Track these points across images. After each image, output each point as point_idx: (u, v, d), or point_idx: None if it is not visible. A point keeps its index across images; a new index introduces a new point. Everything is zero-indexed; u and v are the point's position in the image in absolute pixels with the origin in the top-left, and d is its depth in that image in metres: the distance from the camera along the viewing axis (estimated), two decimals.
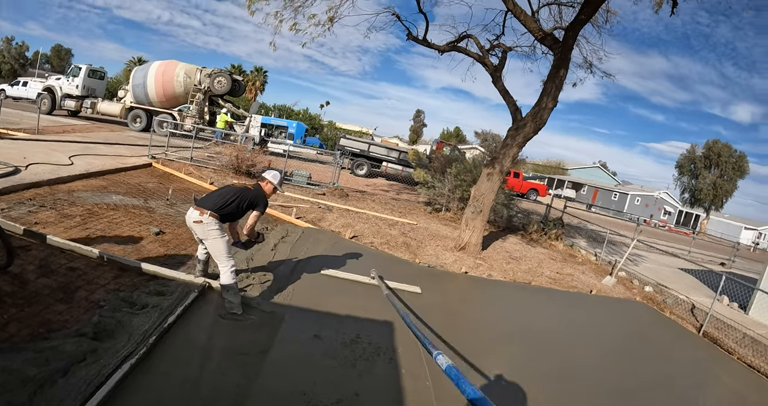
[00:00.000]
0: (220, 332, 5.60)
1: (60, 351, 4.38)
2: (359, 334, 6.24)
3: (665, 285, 14.02)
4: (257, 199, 6.55)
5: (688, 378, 8.02)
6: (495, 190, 12.92)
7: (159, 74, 27.11)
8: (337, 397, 4.67)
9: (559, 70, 12.16)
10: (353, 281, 8.02)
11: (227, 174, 16.03)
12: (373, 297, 7.59)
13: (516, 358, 6.88)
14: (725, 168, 62.94)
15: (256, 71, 71.23)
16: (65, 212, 8.82)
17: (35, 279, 5.74)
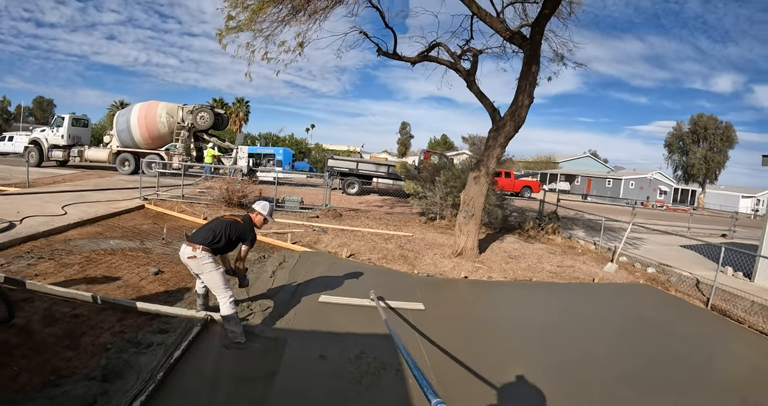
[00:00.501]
0: (225, 362, 5.69)
1: (71, 396, 4.48)
2: (363, 350, 6.31)
3: (667, 264, 14.05)
4: (245, 232, 6.68)
5: (700, 353, 8.00)
6: (484, 193, 13.04)
7: (142, 117, 27.27)
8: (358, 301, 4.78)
9: (531, 66, 12.35)
10: (352, 305, 7.82)
11: (220, 207, 16.14)
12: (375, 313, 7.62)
13: (524, 355, 6.96)
14: (713, 140, 63.36)
15: (238, 102, 71.56)
16: (63, 261, 8.94)
17: (41, 329, 5.84)
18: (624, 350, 7.66)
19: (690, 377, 6.86)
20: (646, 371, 6.77)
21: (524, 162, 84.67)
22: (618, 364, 6.98)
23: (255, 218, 6.93)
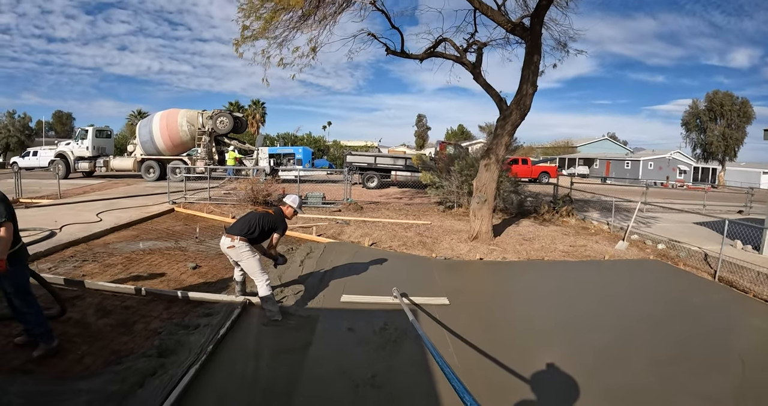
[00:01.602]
0: (266, 337, 6.47)
1: (133, 370, 5.21)
2: (386, 322, 7.07)
3: (678, 240, 14.44)
4: (277, 223, 7.49)
5: (705, 320, 8.46)
6: (495, 179, 13.66)
7: (163, 126, 28.15)
8: (372, 372, 5.48)
9: (533, 56, 12.88)
10: (375, 303, 7.88)
11: (246, 206, 16.84)
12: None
13: (537, 330, 7.63)
14: (730, 117, 62.74)
15: (254, 104, 72.33)
16: (107, 262, 9.73)
17: (96, 320, 6.58)
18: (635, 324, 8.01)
19: (699, 345, 7.28)
20: (660, 344, 7.18)
21: (542, 148, 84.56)
22: (630, 338, 7.33)
23: (286, 210, 7.71)
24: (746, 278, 11.01)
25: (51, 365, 5.28)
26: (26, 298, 5.40)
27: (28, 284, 5.48)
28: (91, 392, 4.70)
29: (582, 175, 65.70)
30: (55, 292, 6.25)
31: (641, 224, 17.75)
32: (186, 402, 4.70)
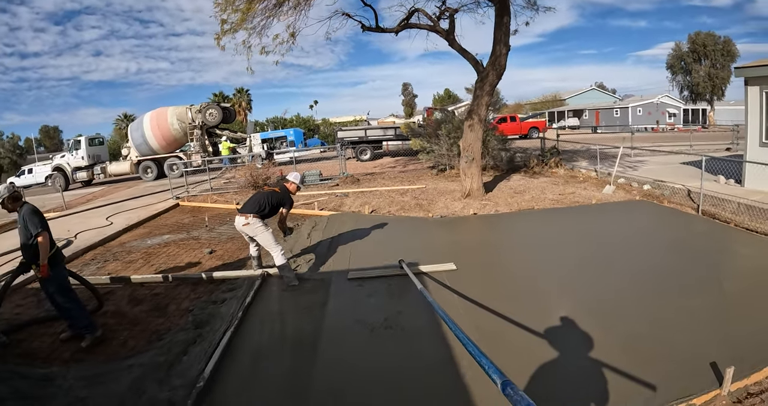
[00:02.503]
0: (287, 300, 7.32)
1: (174, 342, 5.97)
2: (395, 280, 7.86)
3: (663, 180, 15.10)
4: (284, 199, 8.29)
5: (688, 249, 9.14)
6: (480, 138, 14.31)
7: (155, 126, 28.52)
8: (384, 316, 6.29)
9: (503, 18, 13.41)
10: (382, 276, 7.96)
11: (248, 192, 17.40)
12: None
13: (534, 275, 8.46)
14: (714, 57, 62.59)
15: (239, 93, 72.25)
16: (127, 259, 10.39)
17: (131, 309, 7.29)
18: (624, 258, 8.77)
19: (678, 266, 8.11)
20: (648, 273, 7.92)
21: (530, 104, 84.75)
22: (621, 272, 7.97)
23: (290, 186, 8.52)
24: (728, 210, 11.68)
25: (98, 352, 5.96)
26: (67, 295, 6.15)
27: (67, 283, 6.24)
28: (142, 365, 5.42)
29: (572, 127, 66.12)
30: (93, 288, 6.95)
31: (628, 168, 18.42)
32: (227, 360, 5.45)
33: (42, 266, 5.73)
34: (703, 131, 48.24)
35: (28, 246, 5.84)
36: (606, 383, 4.59)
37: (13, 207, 5.99)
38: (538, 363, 4.97)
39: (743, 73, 13.73)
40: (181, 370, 5.27)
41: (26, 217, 5.82)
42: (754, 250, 8.90)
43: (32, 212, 5.89)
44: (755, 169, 13.15)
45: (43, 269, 5.74)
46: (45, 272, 5.75)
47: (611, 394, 4.42)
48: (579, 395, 4.47)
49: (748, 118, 13.58)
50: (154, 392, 4.87)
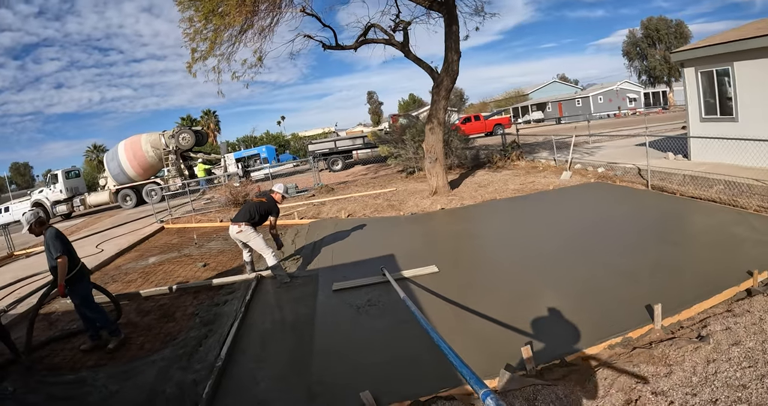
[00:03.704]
0: (282, 294, 8.40)
1: (189, 338, 6.94)
2: (373, 268, 8.91)
3: (615, 162, 16.30)
4: (271, 208, 9.32)
5: (635, 218, 10.41)
6: (441, 140, 15.43)
7: (130, 155, 28.97)
8: (367, 298, 7.45)
9: (452, 27, 14.54)
10: (366, 285, 8.10)
11: (229, 210, 18.34)
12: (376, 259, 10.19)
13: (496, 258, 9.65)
14: (668, 40, 64.35)
15: (206, 115, 72.55)
16: (126, 279, 11.20)
17: (141, 319, 8.18)
18: (583, 235, 9.76)
19: (625, 233, 9.31)
20: (596, 238, 9.27)
21: (495, 101, 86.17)
22: (581, 248, 8.97)
23: (275, 196, 9.56)
24: (674, 182, 12.79)
25: (119, 357, 6.78)
26: (92, 305, 7.08)
27: (90, 295, 7.14)
28: (165, 359, 6.35)
29: (537, 121, 67.68)
30: (114, 299, 7.85)
31: (585, 154, 19.62)
32: (238, 345, 6.46)
33: (59, 286, 6.61)
34: (663, 113, 49.89)
35: (54, 267, 6.73)
36: (564, 326, 5.73)
37: (39, 231, 6.91)
38: (516, 315, 6.13)
39: (679, 56, 14.98)
40: (200, 357, 6.22)
41: (49, 241, 6.69)
42: (694, 214, 10.17)
43: (55, 236, 6.76)
44: (698, 144, 14.42)
45: (60, 289, 6.62)
46: (62, 291, 6.64)
47: (567, 333, 5.56)
48: (544, 333, 5.60)
49: (688, 97, 14.80)
50: (179, 377, 5.79)
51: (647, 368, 4.58)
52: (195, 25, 13.15)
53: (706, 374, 4.36)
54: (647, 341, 5.33)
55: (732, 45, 12.65)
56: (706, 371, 4.40)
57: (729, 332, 4.99)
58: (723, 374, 4.31)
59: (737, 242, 7.77)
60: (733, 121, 13.31)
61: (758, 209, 9.61)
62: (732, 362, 4.47)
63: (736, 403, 3.92)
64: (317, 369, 5.52)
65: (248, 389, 5.31)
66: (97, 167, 58.06)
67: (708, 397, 4.06)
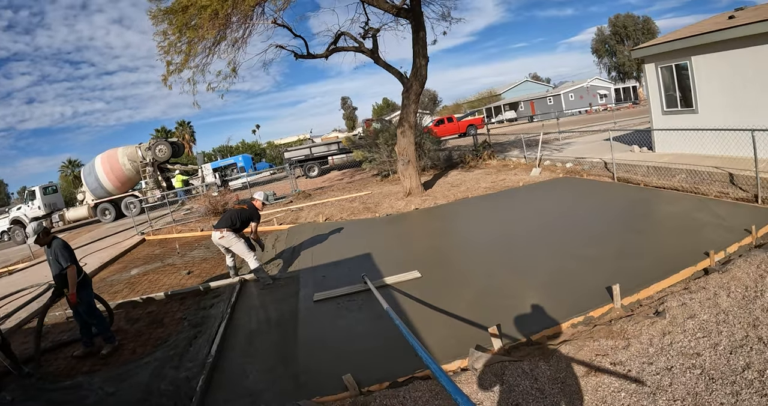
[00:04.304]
0: (265, 295, 8.83)
1: (179, 340, 7.33)
2: (350, 267, 9.48)
3: (583, 157, 16.91)
4: (252, 214, 9.81)
5: (601, 208, 11.07)
6: (413, 142, 15.93)
7: (107, 169, 28.81)
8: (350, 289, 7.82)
9: (419, 33, 15.04)
10: (347, 293, 8.00)
11: (209, 219, 18.59)
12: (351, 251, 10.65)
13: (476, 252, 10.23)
14: (636, 36, 65.75)
15: (181, 126, 72.46)
16: (112, 290, 11.46)
17: (131, 327, 8.51)
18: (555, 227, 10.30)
19: (590, 223, 9.96)
20: (562, 229, 9.88)
21: (468, 102, 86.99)
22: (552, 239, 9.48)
23: (256, 203, 10.05)
24: (639, 174, 13.40)
25: (112, 362, 7.10)
26: (94, 312, 7.45)
27: (93, 302, 7.52)
28: (158, 359, 6.73)
29: (510, 120, 68.53)
30: (108, 306, 8.23)
31: (555, 150, 20.26)
32: (227, 342, 6.89)
33: (71, 295, 6.98)
34: (634, 107, 50.85)
35: (59, 276, 7.11)
36: (531, 310, 6.26)
37: (45, 240, 7.24)
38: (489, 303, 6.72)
39: (639, 53, 15.60)
40: (191, 356, 6.61)
41: (57, 250, 7.03)
42: (658, 202, 10.78)
43: (63, 246, 7.13)
44: (661, 136, 15.11)
45: (72, 297, 6.99)
46: (74, 299, 7.01)
47: (534, 315, 6.10)
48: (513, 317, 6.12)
49: (649, 92, 15.44)
50: (173, 375, 6.17)
51: (607, 342, 5.05)
52: (169, 38, 13.36)
53: (662, 345, 4.83)
54: (607, 319, 5.86)
55: (689, 40, 13.25)
56: (662, 343, 4.88)
57: (685, 307, 5.47)
58: (678, 344, 4.79)
59: (697, 227, 8.36)
60: (693, 112, 13.89)
61: (718, 195, 10.24)
62: (687, 334, 4.95)
63: (691, 369, 4.37)
64: (302, 360, 5.96)
65: (239, 381, 5.72)
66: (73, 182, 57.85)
67: (663, 365, 4.52)
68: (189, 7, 12.38)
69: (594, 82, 68.25)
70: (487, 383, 4.67)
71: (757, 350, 4.47)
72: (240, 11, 12.90)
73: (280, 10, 14.15)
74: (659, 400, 4.07)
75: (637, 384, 4.33)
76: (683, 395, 4.07)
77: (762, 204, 9.15)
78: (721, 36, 12.29)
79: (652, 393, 4.17)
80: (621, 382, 4.39)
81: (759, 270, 6.06)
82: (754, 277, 5.92)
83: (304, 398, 4.98)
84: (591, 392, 4.33)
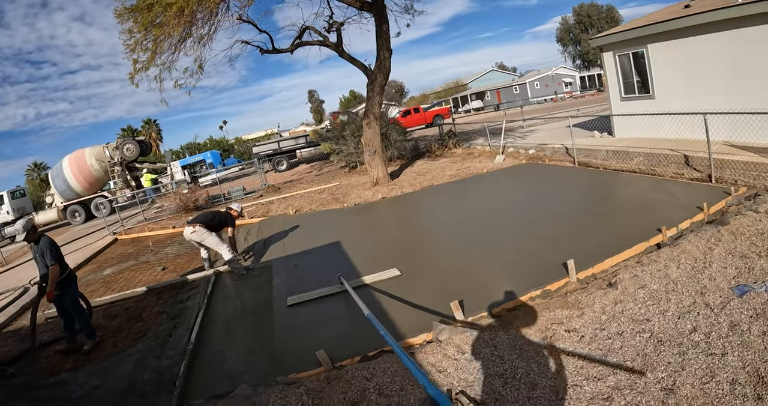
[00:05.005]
0: (240, 284, 9.20)
1: (159, 331, 7.63)
2: (320, 255, 9.92)
3: (546, 143, 17.43)
4: (227, 219, 10.26)
5: (561, 193, 11.50)
6: (378, 133, 16.34)
7: (75, 170, 28.42)
8: (318, 279, 8.31)
9: (382, 26, 15.35)
10: (323, 296, 7.63)
11: (182, 216, 18.73)
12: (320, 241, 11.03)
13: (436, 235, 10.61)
14: (600, 25, 66.83)
15: (147, 124, 71.55)
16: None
17: (110, 323, 8.72)
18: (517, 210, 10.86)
19: (549, 206, 10.47)
20: (523, 213, 10.47)
21: (435, 93, 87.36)
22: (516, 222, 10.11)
23: (232, 213, 10.52)
24: (599, 158, 13.90)
25: (94, 358, 7.29)
26: (78, 307, 7.70)
27: (77, 298, 7.77)
28: (140, 351, 7.02)
29: (477, 109, 69.10)
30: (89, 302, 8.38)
31: (519, 138, 20.76)
32: (205, 330, 7.21)
33: (49, 292, 7.19)
34: (598, 94, 51.71)
35: (46, 274, 7.31)
36: (493, 286, 6.70)
37: (34, 237, 7.45)
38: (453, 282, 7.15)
39: (597, 42, 16.15)
40: (172, 345, 6.92)
41: (44, 248, 7.25)
42: (616, 184, 11.37)
43: (50, 244, 7.37)
44: (620, 121, 15.68)
45: (48, 295, 7.20)
46: (50, 297, 7.22)
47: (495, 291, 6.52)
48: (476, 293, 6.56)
49: (608, 79, 16.00)
50: (155, 363, 6.47)
51: (562, 312, 5.50)
52: (135, 36, 13.42)
53: (614, 313, 5.29)
54: (564, 292, 6.30)
55: (646, 29, 13.77)
56: (614, 310, 5.34)
57: (636, 278, 5.95)
58: (629, 312, 5.25)
59: (653, 206, 8.90)
60: (650, 98, 14.45)
61: (674, 176, 10.77)
62: (637, 302, 5.41)
63: (640, 333, 4.81)
64: (278, 342, 6.33)
65: (219, 366, 6.05)
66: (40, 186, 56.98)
67: (615, 330, 4.97)
68: (154, 5, 12.47)
69: (559, 71, 69.15)
70: (450, 353, 5.07)
71: (704, 314, 4.91)
72: (205, 8, 13.04)
73: (245, 6, 14.35)
74: (610, 361, 4.47)
75: (589, 348, 4.75)
76: (633, 357, 4.47)
77: (715, 183, 9.64)
78: (676, 25, 12.78)
79: (603, 355, 4.58)
80: (574, 346, 4.82)
81: (708, 243, 6.54)
82: (703, 250, 6.39)
83: (282, 375, 5.33)
84: (546, 356, 4.74)
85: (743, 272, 5.66)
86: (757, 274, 5.54)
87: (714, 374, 4.07)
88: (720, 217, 7.82)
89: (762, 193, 8.34)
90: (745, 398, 3.73)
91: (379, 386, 4.74)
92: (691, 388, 3.95)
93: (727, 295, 5.21)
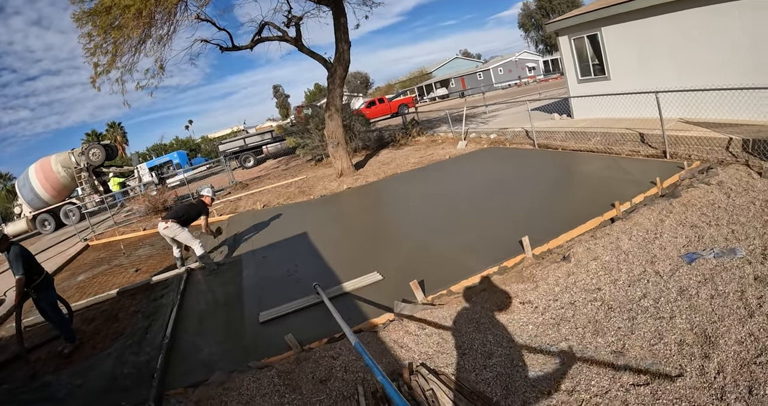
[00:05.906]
0: (211, 280, 9.47)
1: (136, 329, 7.87)
2: (290, 247, 10.24)
3: (507, 127, 17.85)
4: (201, 209, 10.39)
5: (521, 174, 12.06)
6: (341, 125, 16.65)
7: (41, 178, 28.12)
8: (286, 269, 8.66)
9: (340, 19, 15.64)
10: (298, 309, 7.02)
11: (151, 218, 18.80)
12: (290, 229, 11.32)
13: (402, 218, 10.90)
14: (561, 9, 67.49)
15: (111, 128, 70.90)
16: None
17: (87, 326, 8.89)
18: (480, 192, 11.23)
19: (507, 187, 11.01)
20: (481, 194, 10.87)
21: (400, 82, 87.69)
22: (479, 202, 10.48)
23: (205, 199, 10.63)
24: (558, 139, 14.35)
25: (76, 359, 7.46)
26: (56, 310, 7.88)
27: (55, 301, 7.96)
28: (117, 349, 7.25)
29: (442, 97, 69.54)
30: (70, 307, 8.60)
31: (481, 123, 21.16)
32: (180, 324, 7.49)
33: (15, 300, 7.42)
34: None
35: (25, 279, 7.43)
36: (452, 265, 7.10)
37: (3, 247, 7.50)
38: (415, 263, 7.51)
39: (553, 26, 16.51)
40: (149, 342, 7.17)
41: (11, 258, 7.34)
42: (574, 163, 11.82)
43: (17, 254, 7.39)
44: (578, 103, 16.11)
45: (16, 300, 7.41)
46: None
47: (454, 270, 6.90)
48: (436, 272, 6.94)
49: (565, 62, 16.40)
50: (133, 360, 6.72)
51: (517, 286, 5.88)
52: (95, 40, 13.45)
53: (567, 284, 5.66)
54: (520, 267, 6.68)
55: (599, 12, 14.13)
56: (567, 282, 5.71)
57: (589, 251, 6.33)
58: (581, 282, 5.61)
59: (609, 182, 9.36)
60: (606, 79, 14.87)
61: (630, 154, 11.22)
62: (590, 273, 5.78)
63: (592, 302, 5.16)
64: (249, 331, 6.65)
65: (194, 356, 6.34)
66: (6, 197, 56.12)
67: (567, 300, 5.32)
68: (112, 8, 12.53)
69: (522, 56, 69.80)
70: (411, 329, 5.42)
71: (653, 281, 5.25)
72: (163, 9, 13.14)
73: (202, 5, 14.47)
74: (563, 329, 4.82)
75: (543, 317, 5.11)
76: (584, 323, 4.80)
77: (670, 159, 10.08)
78: (627, 7, 13.14)
79: (556, 324, 4.93)
80: (529, 317, 5.18)
81: (660, 215, 6.96)
82: (654, 221, 6.79)
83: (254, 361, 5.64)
84: (502, 327, 5.08)
85: (693, 240, 5.98)
86: (706, 242, 5.84)
87: (662, 336, 4.30)
88: (673, 190, 8.22)
89: (715, 167, 8.74)
90: (692, 357, 3.95)
91: (345, 364, 5.06)
92: (640, 349, 4.19)
93: (677, 262, 5.52)
